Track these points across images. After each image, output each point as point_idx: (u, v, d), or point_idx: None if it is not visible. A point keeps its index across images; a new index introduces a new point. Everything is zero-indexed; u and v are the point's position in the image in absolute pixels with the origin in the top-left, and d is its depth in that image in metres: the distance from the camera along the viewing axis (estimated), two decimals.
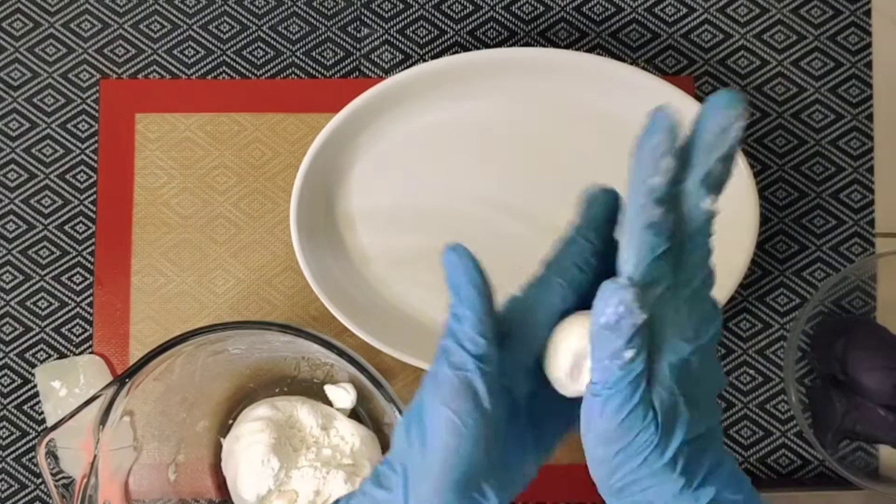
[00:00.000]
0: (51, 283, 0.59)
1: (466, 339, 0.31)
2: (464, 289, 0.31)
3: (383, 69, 0.59)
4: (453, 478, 0.31)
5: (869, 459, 0.57)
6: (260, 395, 0.56)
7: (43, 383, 0.58)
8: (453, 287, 0.32)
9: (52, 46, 0.60)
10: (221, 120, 0.59)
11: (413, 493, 0.32)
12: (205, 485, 0.55)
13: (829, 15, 0.59)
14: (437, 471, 0.31)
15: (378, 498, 0.33)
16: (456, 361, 0.31)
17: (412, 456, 0.32)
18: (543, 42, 0.59)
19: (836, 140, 0.58)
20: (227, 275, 0.59)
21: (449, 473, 0.31)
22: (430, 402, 0.31)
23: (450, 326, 0.32)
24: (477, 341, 0.31)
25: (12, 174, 0.59)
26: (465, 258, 0.32)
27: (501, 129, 0.57)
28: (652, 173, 0.30)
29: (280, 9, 0.60)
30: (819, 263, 0.58)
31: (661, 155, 0.30)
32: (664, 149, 0.30)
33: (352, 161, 0.57)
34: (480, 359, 0.31)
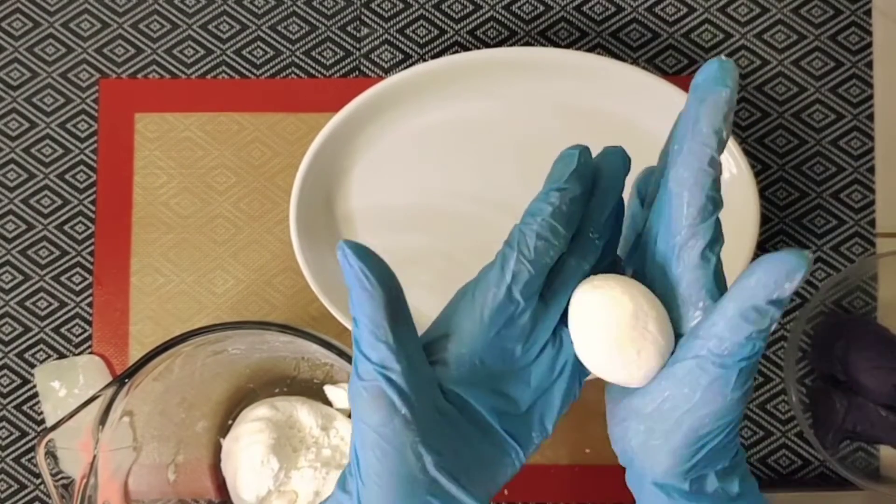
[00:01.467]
0: (50, 283, 0.59)
1: (366, 346, 0.29)
2: (355, 293, 0.29)
3: (383, 69, 0.59)
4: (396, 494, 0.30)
5: (869, 460, 0.57)
6: (259, 396, 0.56)
7: (42, 383, 0.58)
8: (349, 289, 0.30)
9: (51, 46, 0.60)
10: (221, 120, 0.59)
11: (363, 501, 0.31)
12: (204, 485, 0.55)
13: (829, 15, 0.59)
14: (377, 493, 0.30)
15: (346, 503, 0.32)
16: (362, 372, 0.30)
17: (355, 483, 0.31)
18: (543, 42, 0.59)
19: (836, 140, 0.58)
20: (227, 275, 0.59)
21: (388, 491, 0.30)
22: (355, 422, 0.30)
23: (353, 334, 0.30)
24: (376, 346, 0.29)
25: (12, 174, 0.59)
26: (354, 257, 0.29)
27: (501, 129, 0.57)
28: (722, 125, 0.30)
29: (280, 8, 0.60)
30: (819, 263, 0.58)
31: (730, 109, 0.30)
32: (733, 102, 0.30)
33: (352, 161, 0.57)
34: (384, 366, 0.29)
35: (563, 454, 0.57)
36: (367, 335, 0.29)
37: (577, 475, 0.57)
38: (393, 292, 0.30)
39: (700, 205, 0.31)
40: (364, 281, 0.29)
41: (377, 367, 0.29)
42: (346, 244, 0.29)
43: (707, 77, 0.31)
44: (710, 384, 0.30)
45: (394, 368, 0.29)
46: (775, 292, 0.29)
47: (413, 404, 0.30)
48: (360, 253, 0.29)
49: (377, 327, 0.29)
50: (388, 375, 0.29)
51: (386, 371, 0.29)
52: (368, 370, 0.29)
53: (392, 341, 0.29)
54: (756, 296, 0.29)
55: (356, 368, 0.30)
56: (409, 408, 0.30)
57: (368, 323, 0.29)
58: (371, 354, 0.29)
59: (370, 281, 0.29)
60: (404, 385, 0.29)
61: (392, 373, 0.29)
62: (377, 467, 0.30)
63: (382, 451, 0.30)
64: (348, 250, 0.29)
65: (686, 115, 0.31)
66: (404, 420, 0.29)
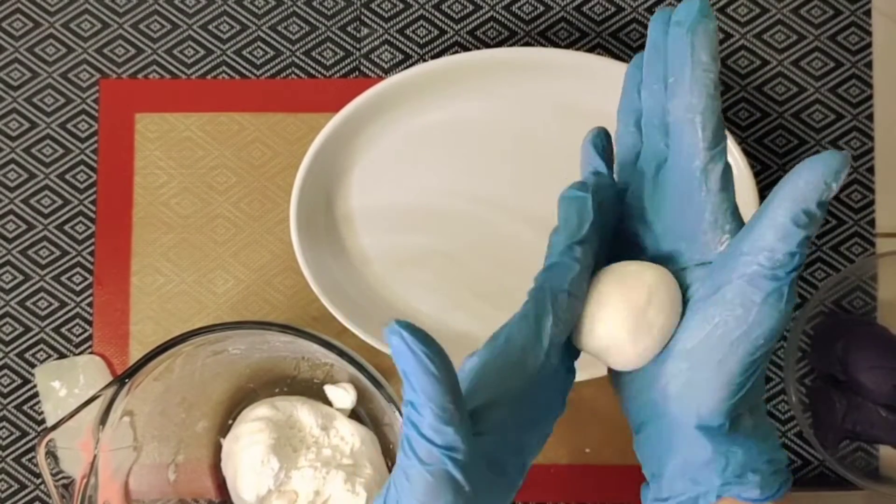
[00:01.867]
0: (50, 283, 0.59)
1: (429, 430, 0.28)
2: (416, 378, 0.28)
3: (383, 69, 0.59)
4: None
5: (869, 459, 0.57)
6: (260, 396, 0.56)
7: (43, 383, 0.58)
8: (404, 374, 0.28)
9: (51, 46, 0.60)
10: (221, 120, 0.59)
11: None
12: (204, 485, 0.55)
13: (829, 15, 0.59)
14: None
15: None
16: (424, 456, 0.28)
17: None
18: (543, 42, 0.59)
19: (836, 140, 0.58)
20: (227, 275, 0.59)
21: None
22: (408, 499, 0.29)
23: (408, 417, 0.29)
24: (441, 430, 0.28)
25: (12, 174, 0.59)
26: (411, 340, 0.28)
27: (501, 129, 0.57)
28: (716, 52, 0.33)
29: (280, 9, 0.60)
30: (819, 263, 0.58)
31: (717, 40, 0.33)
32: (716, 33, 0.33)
33: (352, 161, 0.57)
34: (451, 449, 0.28)
35: (563, 454, 0.57)
36: (432, 419, 0.28)
37: (577, 475, 0.57)
38: (453, 374, 0.29)
39: (714, 127, 0.32)
40: (429, 365, 0.28)
41: (443, 451, 0.28)
42: (401, 326, 0.28)
43: (691, 10, 0.33)
44: (765, 300, 0.30)
45: (460, 450, 0.28)
46: (825, 193, 0.29)
47: (476, 482, 0.29)
48: (420, 337, 0.28)
49: (444, 411, 0.28)
50: (455, 458, 0.28)
51: (453, 454, 0.28)
52: (434, 454, 0.28)
53: (459, 425, 0.28)
54: (808, 198, 0.30)
55: (415, 452, 0.28)
56: (472, 486, 0.29)
57: (434, 407, 0.28)
58: (436, 439, 0.28)
59: (436, 365, 0.28)
60: (469, 464, 0.29)
61: (459, 454, 0.28)
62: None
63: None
64: (407, 334, 0.27)
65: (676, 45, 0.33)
66: (467, 497, 0.29)
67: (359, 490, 0.52)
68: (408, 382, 0.28)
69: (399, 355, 0.28)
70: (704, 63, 0.32)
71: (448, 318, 0.56)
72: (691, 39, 0.33)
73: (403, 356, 0.28)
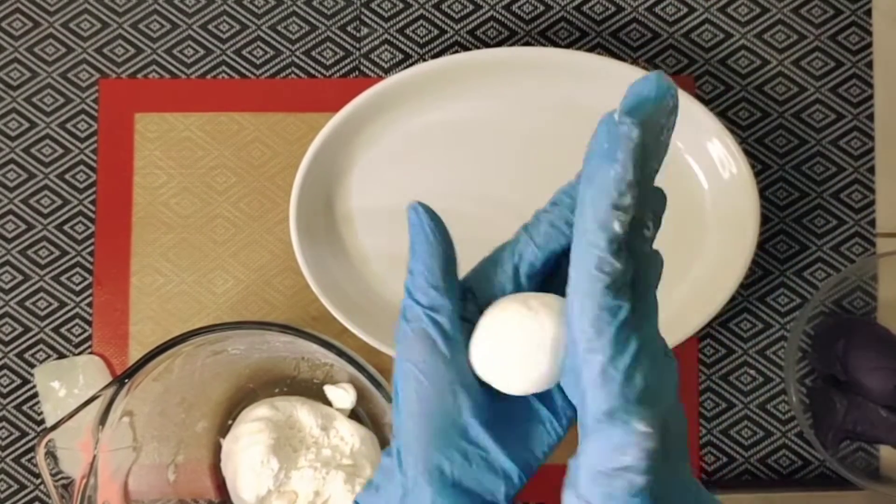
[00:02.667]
0: (50, 283, 0.59)
1: (418, 292, 0.31)
2: (417, 244, 0.32)
3: (383, 69, 0.59)
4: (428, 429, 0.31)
5: (870, 460, 0.57)
6: (259, 396, 0.56)
7: (42, 383, 0.58)
8: (411, 244, 0.32)
9: (51, 46, 0.60)
10: (221, 120, 0.59)
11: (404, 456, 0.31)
12: (204, 485, 0.55)
13: (829, 14, 0.58)
14: (412, 429, 0.31)
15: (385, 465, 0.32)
16: (410, 315, 0.31)
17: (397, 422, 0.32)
18: (543, 42, 0.59)
19: (836, 140, 0.58)
20: (227, 275, 0.59)
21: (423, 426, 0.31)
22: (397, 362, 0.31)
23: (405, 284, 0.32)
24: (427, 292, 0.31)
25: (12, 174, 0.59)
26: (423, 215, 0.32)
27: (501, 128, 0.57)
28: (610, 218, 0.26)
29: (280, 8, 0.60)
30: (820, 263, 0.58)
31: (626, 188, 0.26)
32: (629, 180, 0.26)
33: (352, 161, 0.57)
34: (432, 308, 0.31)
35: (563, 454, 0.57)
36: (420, 281, 0.31)
37: None
38: (451, 252, 0.32)
39: (592, 317, 0.27)
40: (430, 235, 0.32)
41: (425, 310, 0.31)
42: (421, 205, 0.32)
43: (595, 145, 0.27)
44: None
45: (440, 311, 0.31)
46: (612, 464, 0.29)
47: (454, 347, 0.31)
48: (432, 214, 0.32)
49: (431, 274, 0.31)
50: (434, 318, 0.31)
51: (432, 313, 0.31)
52: (416, 313, 0.31)
53: (442, 288, 0.31)
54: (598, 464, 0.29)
55: (404, 314, 0.31)
56: (449, 349, 0.31)
57: (424, 270, 0.31)
58: (421, 299, 0.31)
59: (436, 236, 0.32)
60: (448, 327, 0.31)
61: (438, 315, 0.31)
62: (415, 405, 0.31)
63: (422, 389, 0.31)
64: (421, 209, 0.32)
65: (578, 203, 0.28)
66: (444, 359, 0.31)
67: (359, 490, 0.52)
68: (412, 251, 0.32)
69: (412, 226, 0.32)
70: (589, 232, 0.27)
71: None
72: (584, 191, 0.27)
73: (414, 227, 0.32)
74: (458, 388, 0.31)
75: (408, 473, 0.31)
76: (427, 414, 0.31)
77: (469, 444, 0.31)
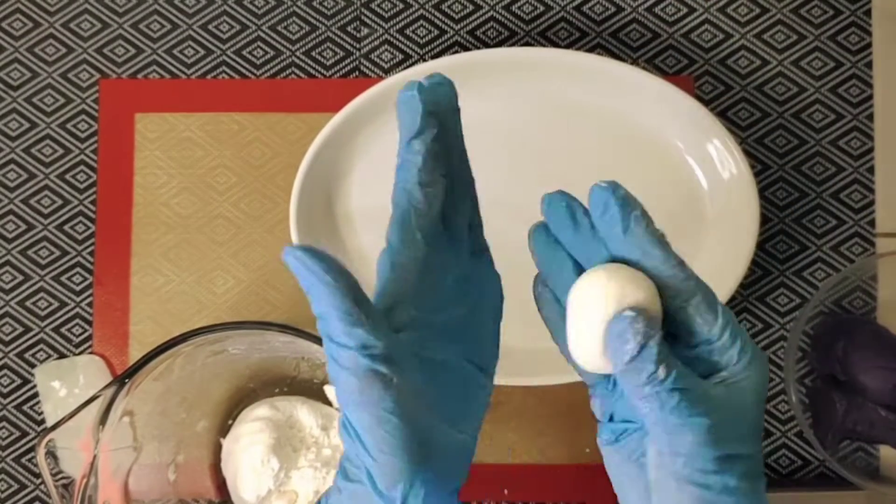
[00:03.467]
0: (50, 283, 0.59)
1: (342, 336, 0.29)
2: (316, 290, 0.30)
3: (383, 69, 0.59)
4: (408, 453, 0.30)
5: (869, 459, 0.57)
6: (260, 396, 0.56)
7: (43, 383, 0.58)
8: (306, 291, 0.30)
9: (51, 46, 0.60)
10: (221, 120, 0.59)
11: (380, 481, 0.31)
12: (204, 485, 0.55)
13: (829, 15, 0.59)
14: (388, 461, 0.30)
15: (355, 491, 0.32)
16: (344, 362, 0.30)
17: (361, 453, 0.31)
18: (543, 42, 0.59)
19: (836, 140, 0.58)
20: (227, 275, 0.59)
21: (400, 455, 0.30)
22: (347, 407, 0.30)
23: (322, 330, 0.30)
24: (353, 333, 0.29)
25: (12, 174, 0.59)
26: (305, 258, 0.30)
27: (501, 128, 0.57)
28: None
29: (280, 8, 0.60)
30: (819, 263, 0.58)
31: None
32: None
33: (352, 161, 0.57)
34: (365, 346, 0.29)
35: (563, 454, 0.57)
36: (339, 325, 0.29)
37: (577, 475, 0.57)
38: (350, 280, 0.30)
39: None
40: (324, 276, 0.30)
41: (359, 351, 0.29)
42: (296, 249, 0.30)
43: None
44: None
45: (375, 345, 0.30)
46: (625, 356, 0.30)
47: (403, 371, 0.30)
48: (312, 253, 0.30)
49: (348, 314, 0.29)
50: (373, 353, 0.29)
51: (369, 350, 0.29)
52: (350, 357, 0.29)
53: (366, 322, 0.30)
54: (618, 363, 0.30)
55: (336, 363, 0.30)
56: (399, 373, 0.30)
57: (337, 313, 0.29)
58: (348, 341, 0.29)
59: (331, 275, 0.30)
60: (392, 356, 0.30)
61: (375, 349, 0.30)
62: (391, 441, 0.30)
63: (392, 425, 0.30)
64: (301, 254, 0.30)
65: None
66: (399, 389, 0.30)
67: None
68: (311, 297, 0.30)
69: (298, 273, 0.30)
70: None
71: None
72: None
73: (301, 273, 0.30)
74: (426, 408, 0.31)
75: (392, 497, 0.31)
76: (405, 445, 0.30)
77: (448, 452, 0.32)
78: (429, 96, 0.33)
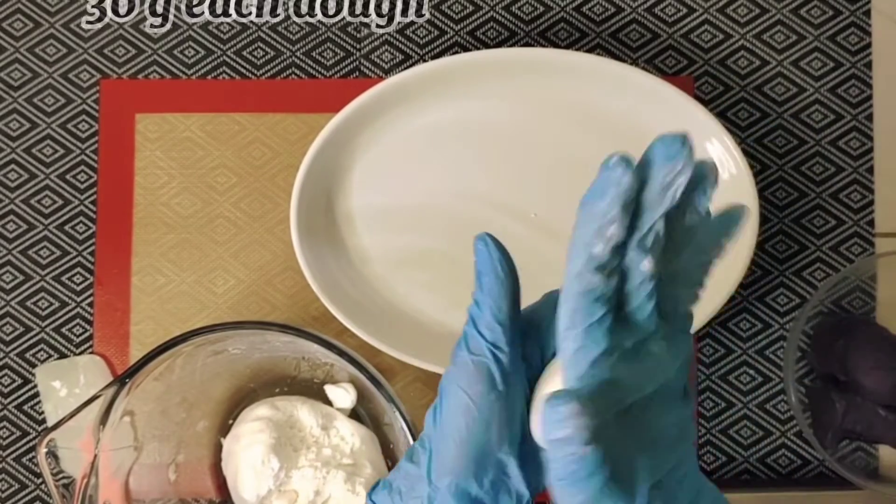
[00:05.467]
0: (51, 283, 0.59)
1: (484, 326, 0.32)
2: (486, 277, 0.32)
3: (383, 69, 0.59)
4: (468, 456, 0.32)
5: (869, 459, 0.57)
6: (260, 395, 0.56)
7: (43, 383, 0.58)
8: (478, 275, 0.33)
9: (52, 46, 0.60)
10: (221, 120, 0.59)
11: (435, 469, 0.33)
12: (205, 485, 0.55)
13: (829, 15, 0.59)
14: (452, 451, 0.32)
15: (409, 471, 0.34)
16: (473, 347, 0.32)
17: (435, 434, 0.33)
18: (543, 42, 0.59)
19: (835, 140, 0.58)
20: (227, 275, 0.59)
21: (463, 452, 0.32)
22: (449, 385, 0.33)
23: (470, 313, 0.33)
24: (493, 328, 0.32)
25: (12, 174, 0.60)
26: (492, 248, 0.33)
27: (501, 129, 0.57)
28: (594, 241, 0.29)
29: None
30: (819, 263, 0.58)
31: (608, 222, 0.29)
32: (612, 215, 0.29)
33: (352, 161, 0.57)
34: (495, 345, 0.32)
35: None
36: (487, 316, 0.32)
37: None
38: (517, 288, 0.33)
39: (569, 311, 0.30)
40: (499, 269, 0.32)
41: (489, 345, 0.32)
42: (489, 236, 0.33)
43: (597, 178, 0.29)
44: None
45: (503, 349, 0.32)
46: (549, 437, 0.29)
47: (510, 385, 0.32)
48: (500, 246, 0.33)
49: (499, 310, 0.32)
50: (497, 355, 0.32)
51: (496, 350, 0.32)
52: (480, 346, 0.32)
53: (507, 326, 0.32)
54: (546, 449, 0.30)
55: (466, 343, 0.32)
56: (506, 387, 0.32)
57: (492, 305, 0.32)
58: (486, 333, 0.32)
59: (504, 270, 0.32)
60: (508, 366, 0.32)
61: (500, 353, 0.32)
62: (463, 432, 0.32)
63: (472, 418, 0.32)
64: (490, 241, 0.33)
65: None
66: (499, 396, 0.32)
67: (359, 490, 0.52)
68: (478, 282, 0.33)
69: (479, 256, 0.33)
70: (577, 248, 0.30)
71: (448, 318, 0.56)
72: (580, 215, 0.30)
73: (482, 258, 0.33)
74: (503, 425, 0.32)
75: (437, 487, 0.33)
76: (469, 442, 0.32)
77: (500, 473, 0.33)
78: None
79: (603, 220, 0.29)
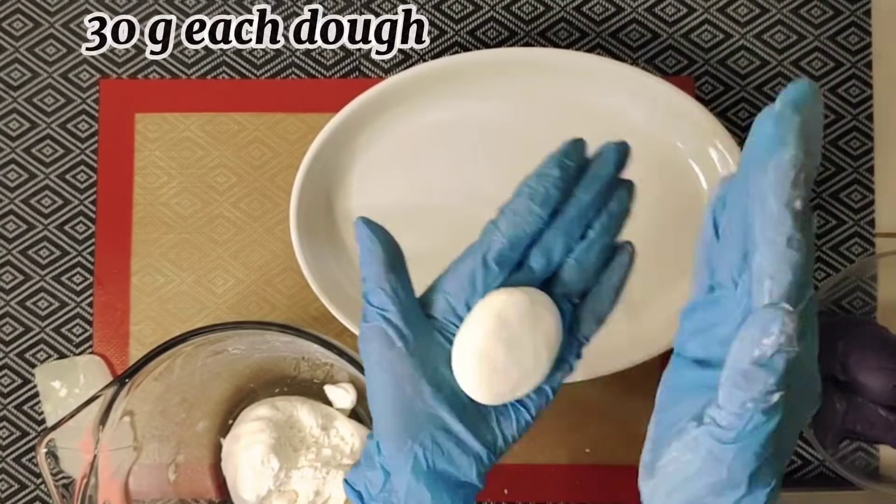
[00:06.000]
0: (51, 283, 0.59)
1: (370, 294, 0.35)
2: (362, 252, 0.36)
3: (383, 69, 0.59)
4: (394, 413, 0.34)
5: (869, 459, 0.57)
6: (260, 395, 0.56)
7: (43, 383, 0.58)
8: (360, 253, 0.36)
9: (52, 46, 0.60)
10: (221, 120, 0.59)
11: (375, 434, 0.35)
12: (205, 485, 0.55)
13: (829, 15, 0.59)
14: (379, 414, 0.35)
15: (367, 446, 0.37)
16: (368, 316, 0.35)
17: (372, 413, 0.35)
18: (543, 42, 0.59)
19: (836, 140, 0.58)
20: (227, 275, 0.59)
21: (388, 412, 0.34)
22: (363, 359, 0.35)
23: (363, 291, 0.36)
24: (376, 292, 0.35)
25: (12, 174, 0.59)
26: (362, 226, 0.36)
27: (502, 129, 0.57)
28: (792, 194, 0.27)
29: (280, 9, 0.60)
30: (819, 263, 0.58)
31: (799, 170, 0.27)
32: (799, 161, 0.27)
33: (352, 161, 0.57)
34: (382, 308, 0.34)
35: (563, 454, 0.57)
36: (371, 285, 0.35)
37: (577, 475, 0.57)
38: (392, 252, 0.36)
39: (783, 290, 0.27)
40: (368, 242, 0.35)
41: (377, 310, 0.34)
42: (361, 219, 0.36)
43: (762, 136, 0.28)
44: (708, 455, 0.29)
45: (390, 309, 0.34)
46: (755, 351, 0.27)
47: (408, 340, 0.34)
48: (372, 225, 0.36)
49: (378, 277, 0.35)
50: (386, 315, 0.34)
51: (384, 312, 0.34)
52: (371, 313, 0.35)
53: (389, 288, 0.35)
54: (740, 359, 0.28)
55: (364, 317, 0.35)
56: (404, 342, 0.34)
57: (372, 275, 0.35)
58: (373, 300, 0.35)
59: (375, 243, 0.35)
60: (399, 322, 0.34)
61: (389, 313, 0.34)
62: (380, 398, 0.34)
63: (382, 381, 0.34)
64: (361, 222, 0.36)
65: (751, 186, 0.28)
66: (400, 353, 0.34)
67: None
68: (360, 259, 0.36)
69: (357, 237, 0.36)
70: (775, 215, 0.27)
71: None
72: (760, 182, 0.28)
73: (358, 237, 0.36)
74: (418, 378, 0.34)
75: (386, 459, 0.34)
76: (392, 404, 0.34)
77: (439, 430, 0.34)
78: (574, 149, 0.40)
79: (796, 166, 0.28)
